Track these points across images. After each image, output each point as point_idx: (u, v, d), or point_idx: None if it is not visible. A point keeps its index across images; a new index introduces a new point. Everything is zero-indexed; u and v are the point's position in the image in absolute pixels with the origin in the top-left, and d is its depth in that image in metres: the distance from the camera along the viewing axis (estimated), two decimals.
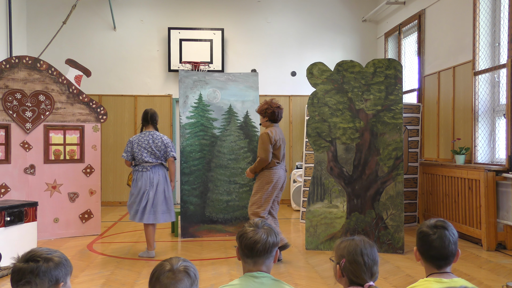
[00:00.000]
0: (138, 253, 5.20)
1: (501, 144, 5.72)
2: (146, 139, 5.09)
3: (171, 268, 1.64)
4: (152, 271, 1.68)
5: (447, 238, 1.98)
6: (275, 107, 4.92)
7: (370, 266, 1.93)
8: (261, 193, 4.85)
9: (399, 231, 5.20)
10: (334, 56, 9.22)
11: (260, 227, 1.98)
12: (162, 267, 1.65)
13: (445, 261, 2.00)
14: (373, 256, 1.95)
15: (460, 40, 6.41)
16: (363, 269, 1.92)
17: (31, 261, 1.69)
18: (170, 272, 1.63)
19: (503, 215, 5.30)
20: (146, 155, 5.06)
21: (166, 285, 1.61)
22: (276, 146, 4.84)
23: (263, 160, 4.80)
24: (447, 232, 2.00)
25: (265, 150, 4.77)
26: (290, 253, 5.27)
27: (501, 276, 4.29)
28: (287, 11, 9.45)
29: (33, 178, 5.95)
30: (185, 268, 1.65)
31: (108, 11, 8.93)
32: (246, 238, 1.95)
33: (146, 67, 9.22)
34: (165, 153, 5.15)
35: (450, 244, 1.98)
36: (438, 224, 2.02)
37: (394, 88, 5.31)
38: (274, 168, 4.86)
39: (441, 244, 1.98)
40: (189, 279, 1.64)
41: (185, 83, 6.25)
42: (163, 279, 1.62)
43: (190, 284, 1.63)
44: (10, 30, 8.00)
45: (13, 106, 5.83)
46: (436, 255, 1.99)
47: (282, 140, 4.92)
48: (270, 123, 4.98)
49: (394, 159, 5.27)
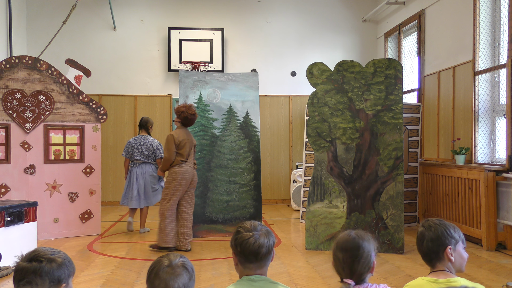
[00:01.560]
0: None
1: (501, 144, 5.72)
2: (138, 142, 6.36)
3: (169, 263, 1.67)
4: (150, 268, 1.70)
5: (423, 236, 2.04)
6: (189, 114, 5.40)
7: (348, 262, 1.89)
8: (169, 189, 5.30)
9: (399, 231, 5.20)
10: (334, 56, 9.22)
11: (259, 230, 1.95)
12: (161, 263, 1.68)
13: (427, 259, 2.05)
14: (355, 252, 1.90)
15: (460, 40, 6.41)
16: (341, 264, 1.92)
17: (35, 261, 1.68)
18: (169, 268, 1.66)
19: (503, 215, 5.30)
20: (137, 155, 6.32)
21: (166, 281, 1.63)
22: (180, 146, 5.28)
23: (166, 159, 5.30)
24: (426, 233, 2.04)
25: (168, 150, 5.27)
26: (290, 253, 5.27)
27: (501, 276, 4.29)
28: (287, 11, 9.45)
29: (33, 178, 5.95)
30: (183, 263, 1.69)
31: (108, 11, 8.93)
32: (249, 244, 1.90)
33: (146, 67, 9.22)
34: (154, 154, 6.37)
35: (428, 242, 2.02)
36: (425, 224, 2.08)
37: (394, 88, 5.31)
38: (179, 165, 5.30)
39: (418, 242, 2.06)
40: (187, 274, 1.67)
41: (185, 83, 6.25)
42: (163, 274, 1.64)
43: (188, 279, 1.67)
44: (10, 30, 8.00)
45: (13, 106, 5.83)
46: (420, 252, 2.08)
47: (189, 141, 5.38)
48: (180, 125, 5.47)
49: (394, 159, 5.26)
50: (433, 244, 2.00)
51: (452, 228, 2.03)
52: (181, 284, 1.65)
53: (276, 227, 6.81)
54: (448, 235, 2.00)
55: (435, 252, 2.00)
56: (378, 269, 4.53)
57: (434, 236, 2.01)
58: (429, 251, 2.01)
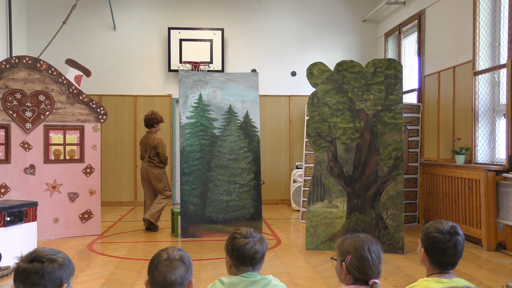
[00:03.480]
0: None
1: (501, 144, 5.72)
2: None
3: (167, 257, 1.80)
4: (151, 260, 1.84)
5: (460, 245, 1.97)
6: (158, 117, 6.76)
7: (376, 263, 1.93)
8: None
9: (399, 231, 5.20)
10: (334, 56, 9.22)
11: (254, 237, 2.10)
12: (160, 257, 1.81)
13: (454, 266, 1.99)
14: (379, 254, 1.96)
15: (460, 40, 6.41)
16: (370, 265, 1.91)
17: (36, 262, 1.67)
18: (167, 261, 1.79)
19: (503, 215, 5.30)
20: None
21: (164, 273, 1.76)
22: (141, 147, 6.74)
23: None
24: (461, 238, 1.97)
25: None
26: (290, 253, 5.27)
27: (501, 276, 4.29)
28: (287, 11, 9.45)
29: (33, 178, 5.95)
30: (181, 256, 1.82)
31: (108, 11, 8.93)
32: (246, 249, 2.05)
33: (146, 67, 9.22)
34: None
35: (462, 250, 1.97)
36: (452, 231, 1.98)
37: (394, 88, 5.31)
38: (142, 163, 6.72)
39: (455, 251, 1.96)
40: (184, 267, 1.80)
41: (185, 83, 6.25)
42: (161, 267, 1.78)
43: (185, 271, 1.80)
44: (10, 30, 8.00)
45: (13, 106, 5.83)
46: (447, 261, 1.97)
47: (143, 143, 6.69)
48: (147, 129, 6.79)
49: (394, 159, 5.26)
50: (463, 251, 1.99)
51: None
52: (178, 276, 1.77)
53: (276, 227, 6.81)
54: None
55: (461, 258, 1.99)
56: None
57: (464, 243, 2.00)
58: (460, 257, 1.97)
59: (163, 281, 1.76)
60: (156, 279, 1.77)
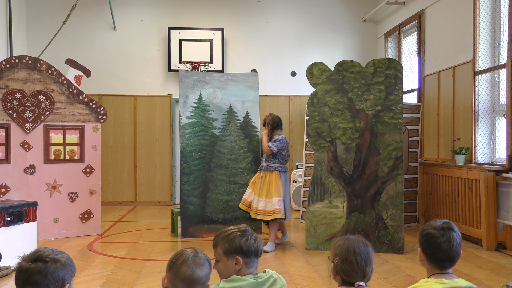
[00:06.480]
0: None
1: (501, 144, 5.72)
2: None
3: (196, 254, 1.83)
4: (173, 257, 1.83)
5: (455, 240, 1.97)
6: None
7: (362, 266, 1.93)
8: None
9: (399, 231, 5.20)
10: (334, 56, 9.22)
11: (254, 233, 2.14)
12: (187, 253, 1.82)
13: (451, 263, 1.99)
14: (366, 256, 1.95)
15: (460, 40, 6.41)
16: (355, 268, 1.93)
17: (39, 261, 1.66)
18: (196, 258, 1.81)
19: (503, 215, 5.30)
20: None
21: (193, 268, 1.77)
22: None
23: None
24: (455, 234, 1.99)
25: None
26: (290, 253, 5.27)
27: (501, 276, 4.29)
28: (287, 11, 9.45)
29: (33, 178, 5.95)
30: (206, 257, 1.86)
31: (108, 11, 8.93)
32: (252, 244, 2.08)
33: (146, 67, 9.22)
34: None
35: (457, 246, 1.98)
36: (445, 226, 2.00)
37: (394, 88, 5.31)
38: None
39: (449, 246, 1.97)
40: (209, 267, 1.83)
41: (185, 83, 6.25)
42: (191, 262, 1.78)
43: (209, 271, 1.82)
44: (10, 30, 8.00)
45: (13, 106, 5.83)
46: (443, 257, 1.98)
47: None
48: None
49: (394, 159, 5.27)
50: (460, 247, 1.99)
51: None
52: (204, 274, 1.79)
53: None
54: None
55: (459, 255, 1.99)
56: (378, 269, 4.53)
57: (460, 240, 2.00)
58: (457, 254, 1.98)
59: (191, 276, 1.75)
60: (184, 273, 1.76)
